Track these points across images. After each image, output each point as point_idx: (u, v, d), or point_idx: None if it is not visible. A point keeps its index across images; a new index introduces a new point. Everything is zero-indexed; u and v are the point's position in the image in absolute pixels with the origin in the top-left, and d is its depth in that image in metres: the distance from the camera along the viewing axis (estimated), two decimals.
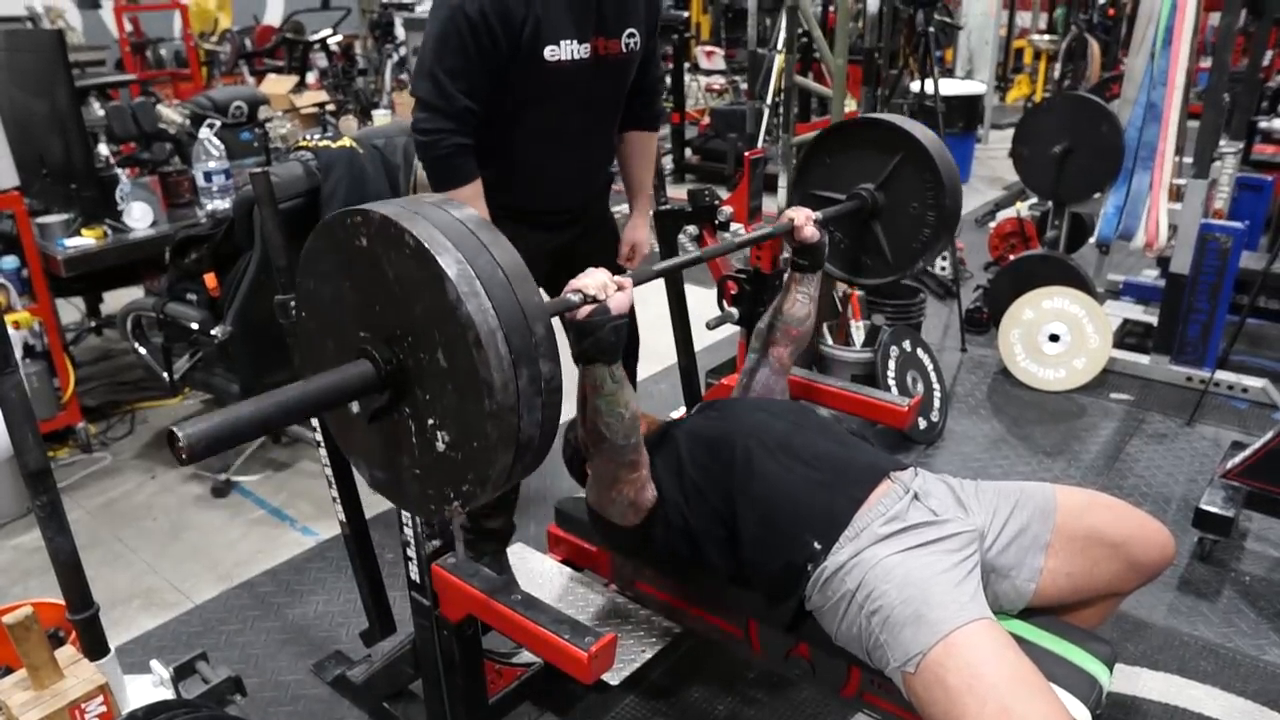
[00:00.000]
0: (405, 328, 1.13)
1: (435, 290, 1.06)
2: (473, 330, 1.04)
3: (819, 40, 4.43)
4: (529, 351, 1.08)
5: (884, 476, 1.68)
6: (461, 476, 1.14)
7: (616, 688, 2.18)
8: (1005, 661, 1.39)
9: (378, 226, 1.11)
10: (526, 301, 1.09)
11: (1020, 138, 4.13)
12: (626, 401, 1.56)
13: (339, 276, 1.21)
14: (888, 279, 2.27)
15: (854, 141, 2.19)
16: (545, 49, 1.93)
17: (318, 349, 1.31)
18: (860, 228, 2.21)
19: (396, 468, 1.24)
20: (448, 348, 1.08)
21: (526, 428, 1.09)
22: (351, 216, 1.15)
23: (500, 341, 1.05)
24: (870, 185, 2.16)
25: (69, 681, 1.67)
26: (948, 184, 2.08)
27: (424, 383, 1.14)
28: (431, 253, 1.05)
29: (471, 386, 1.06)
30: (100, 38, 8.35)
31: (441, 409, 1.13)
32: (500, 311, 1.06)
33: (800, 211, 1.98)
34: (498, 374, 1.04)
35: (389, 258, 1.11)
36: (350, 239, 1.16)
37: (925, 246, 2.15)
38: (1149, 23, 3.61)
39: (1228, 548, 2.69)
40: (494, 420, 1.06)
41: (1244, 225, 3.48)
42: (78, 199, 3.17)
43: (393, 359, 1.15)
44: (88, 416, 3.45)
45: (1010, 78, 10.53)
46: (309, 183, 2.84)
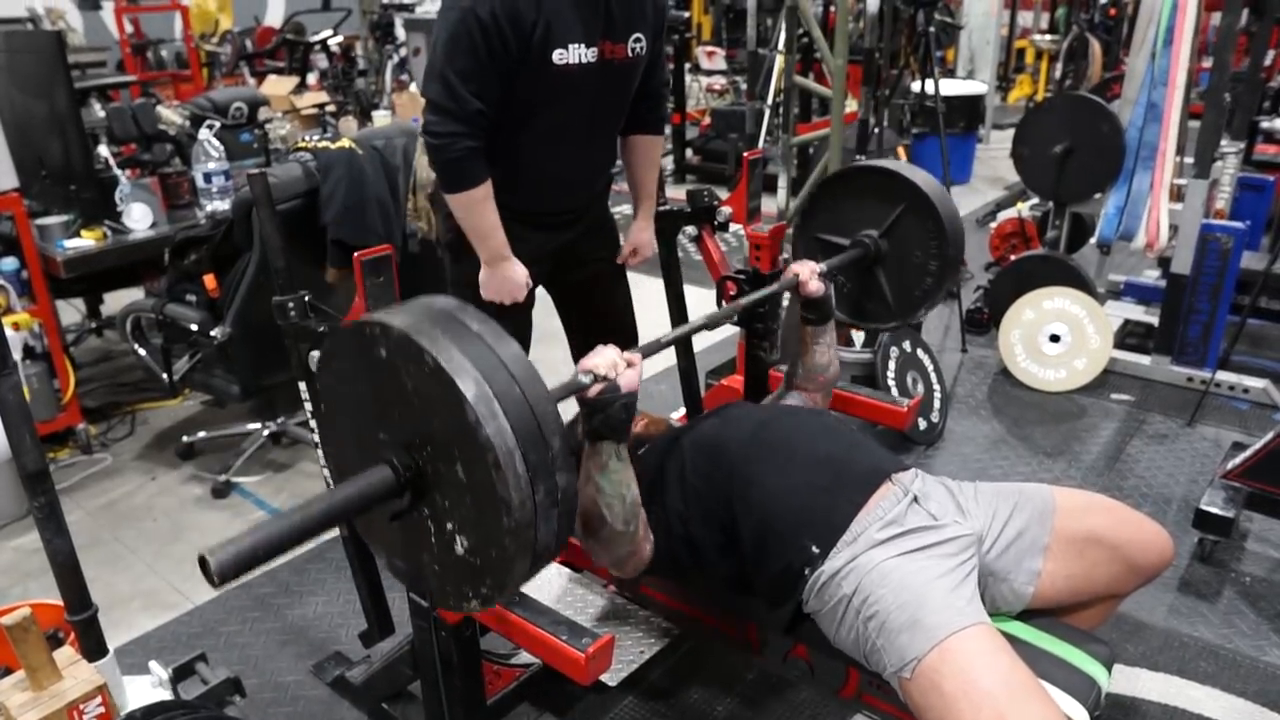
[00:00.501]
0: (424, 437, 1.14)
1: (454, 410, 1.07)
2: (492, 453, 1.05)
3: (819, 40, 4.43)
4: (546, 466, 1.09)
5: (884, 479, 1.67)
6: (480, 580, 1.16)
7: (615, 689, 2.18)
8: (1000, 667, 1.38)
9: (396, 341, 1.12)
10: (543, 416, 1.10)
11: (1021, 138, 4.13)
12: (629, 483, 1.55)
13: (359, 380, 1.23)
14: (890, 325, 2.28)
15: (858, 188, 2.21)
16: (553, 52, 1.93)
17: (339, 439, 1.34)
18: (864, 274, 2.22)
19: (416, 562, 1.26)
20: (466, 464, 1.09)
21: (543, 538, 1.11)
22: (371, 327, 1.15)
23: (518, 461, 1.06)
24: (874, 232, 2.17)
25: (67, 682, 1.67)
26: (950, 234, 2.09)
27: (443, 490, 1.15)
28: (450, 375, 1.06)
29: (490, 502, 1.08)
30: (101, 39, 8.35)
31: (460, 517, 1.14)
32: (518, 430, 1.07)
33: (805, 266, 1.99)
34: (515, 493, 1.06)
35: (408, 371, 1.12)
36: (370, 348, 1.16)
37: (927, 295, 2.17)
38: (1150, 23, 3.60)
39: (1228, 548, 2.69)
40: (512, 535, 1.08)
41: (1245, 225, 3.47)
42: (77, 200, 3.17)
43: (412, 465, 1.16)
44: (88, 417, 3.46)
45: (1011, 78, 10.52)
46: (308, 184, 2.84)
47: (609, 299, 2.48)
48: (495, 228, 2.08)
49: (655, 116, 2.35)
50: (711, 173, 7.13)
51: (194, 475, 3.24)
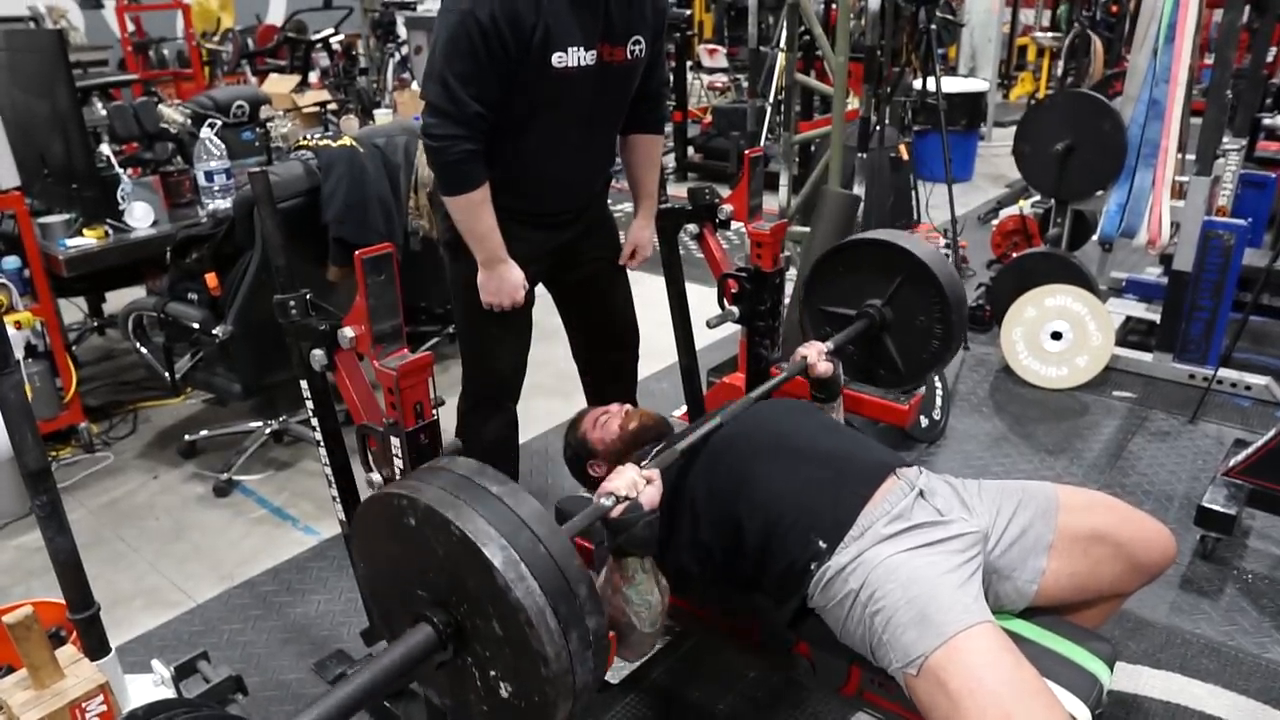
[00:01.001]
0: (459, 594, 1.21)
1: (484, 575, 1.14)
2: (524, 613, 1.11)
3: (820, 38, 4.42)
4: (576, 614, 1.16)
5: (889, 473, 1.68)
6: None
7: (617, 686, 2.19)
8: (1006, 666, 1.39)
9: (423, 513, 1.19)
10: (567, 567, 1.17)
11: (1023, 135, 4.12)
12: (654, 589, 1.56)
13: (393, 543, 1.29)
14: (902, 389, 2.34)
15: (859, 260, 2.25)
16: (553, 55, 1.93)
17: (380, 595, 1.42)
18: (871, 341, 2.25)
19: (464, 703, 1.31)
20: (501, 621, 1.16)
21: (581, 679, 1.17)
22: (399, 499, 1.23)
23: (549, 616, 1.13)
24: (878, 301, 2.20)
25: (69, 681, 1.67)
26: (952, 299, 2.12)
27: (482, 642, 1.21)
28: (477, 545, 1.13)
29: (526, 654, 1.15)
30: (102, 37, 8.35)
31: (502, 667, 1.20)
32: (546, 588, 1.13)
33: (812, 348, 2.02)
34: (550, 647, 1.12)
35: (437, 539, 1.19)
36: (399, 518, 1.23)
37: (935, 358, 2.20)
38: (1152, 20, 3.60)
39: (1230, 546, 2.69)
40: (551, 684, 1.14)
41: (1247, 222, 3.47)
42: (79, 199, 3.17)
43: (451, 621, 1.22)
44: (90, 416, 3.46)
45: (1013, 75, 10.51)
46: (309, 182, 2.84)
47: (609, 297, 2.48)
48: (492, 230, 2.08)
49: (655, 116, 2.35)
50: (713, 170, 7.13)
51: (196, 474, 3.24)
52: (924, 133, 6.03)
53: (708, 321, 2.40)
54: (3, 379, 1.62)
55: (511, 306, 2.19)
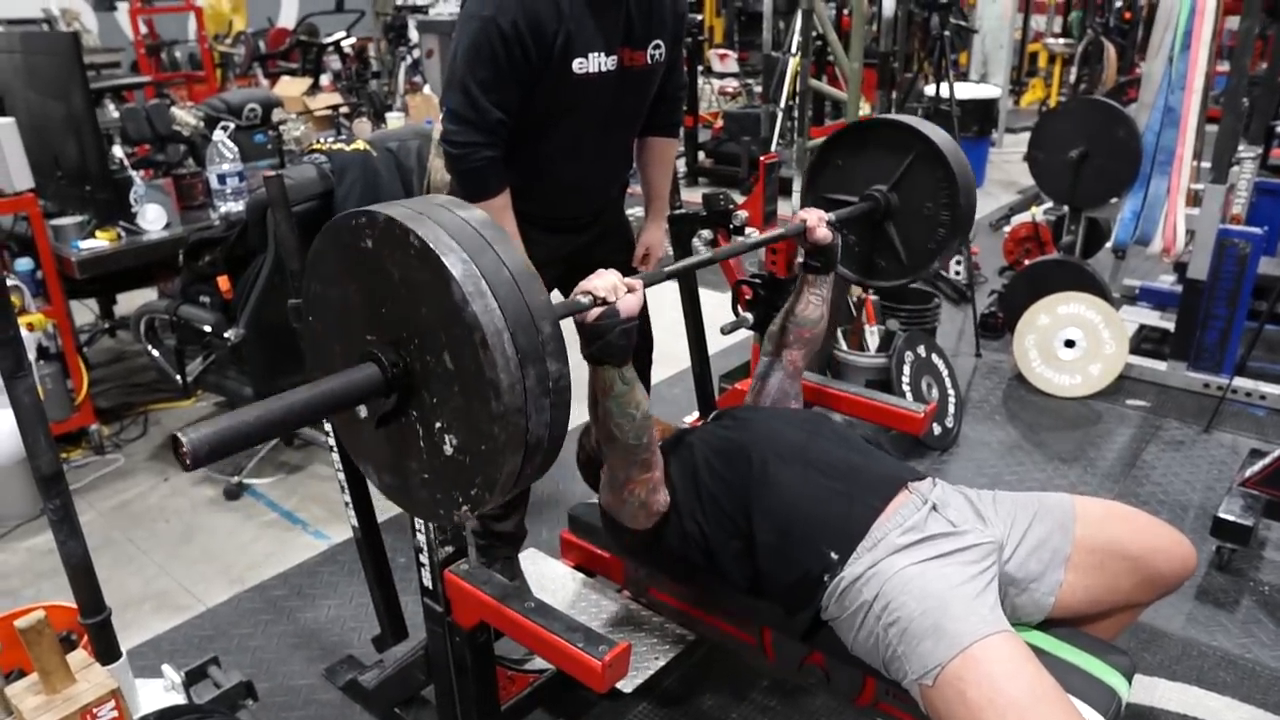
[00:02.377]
0: (411, 330, 1.12)
1: (441, 291, 1.05)
2: (479, 331, 1.03)
3: (834, 43, 4.42)
4: (536, 351, 1.07)
5: (902, 486, 1.66)
6: (470, 480, 1.13)
7: (629, 695, 2.17)
8: (1025, 675, 1.37)
9: (383, 228, 1.11)
10: (533, 300, 1.09)
11: (1036, 142, 4.11)
12: (637, 402, 1.55)
13: (345, 279, 1.21)
14: (902, 280, 2.26)
15: (866, 143, 2.18)
16: (574, 61, 1.92)
17: (325, 352, 1.30)
18: (873, 229, 2.20)
19: (405, 473, 1.23)
20: (454, 349, 1.07)
21: (535, 428, 1.09)
22: (357, 218, 1.14)
23: (507, 342, 1.04)
24: (883, 186, 2.15)
25: (81, 686, 1.66)
26: (961, 183, 2.06)
27: (431, 386, 1.13)
28: (436, 253, 1.04)
29: (478, 388, 1.06)
30: (115, 40, 8.39)
31: (449, 412, 1.12)
32: (506, 311, 1.05)
33: (813, 213, 1.97)
34: (504, 375, 1.03)
35: (394, 259, 1.10)
36: (355, 241, 1.15)
37: (940, 246, 2.14)
38: (1167, 27, 3.58)
39: (1246, 557, 2.66)
40: (501, 422, 1.05)
41: (1262, 231, 3.44)
42: (92, 201, 3.18)
43: (399, 362, 1.14)
44: (101, 418, 3.46)
45: (1024, 81, 10.49)
46: (323, 185, 2.84)
47: None
48: (513, 237, 2.08)
49: (672, 119, 2.34)
50: (724, 175, 7.12)
51: (206, 477, 3.24)
52: None
53: (721, 328, 2.39)
54: (17, 382, 1.62)
55: None
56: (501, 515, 2.33)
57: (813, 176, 2.29)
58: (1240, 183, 3.62)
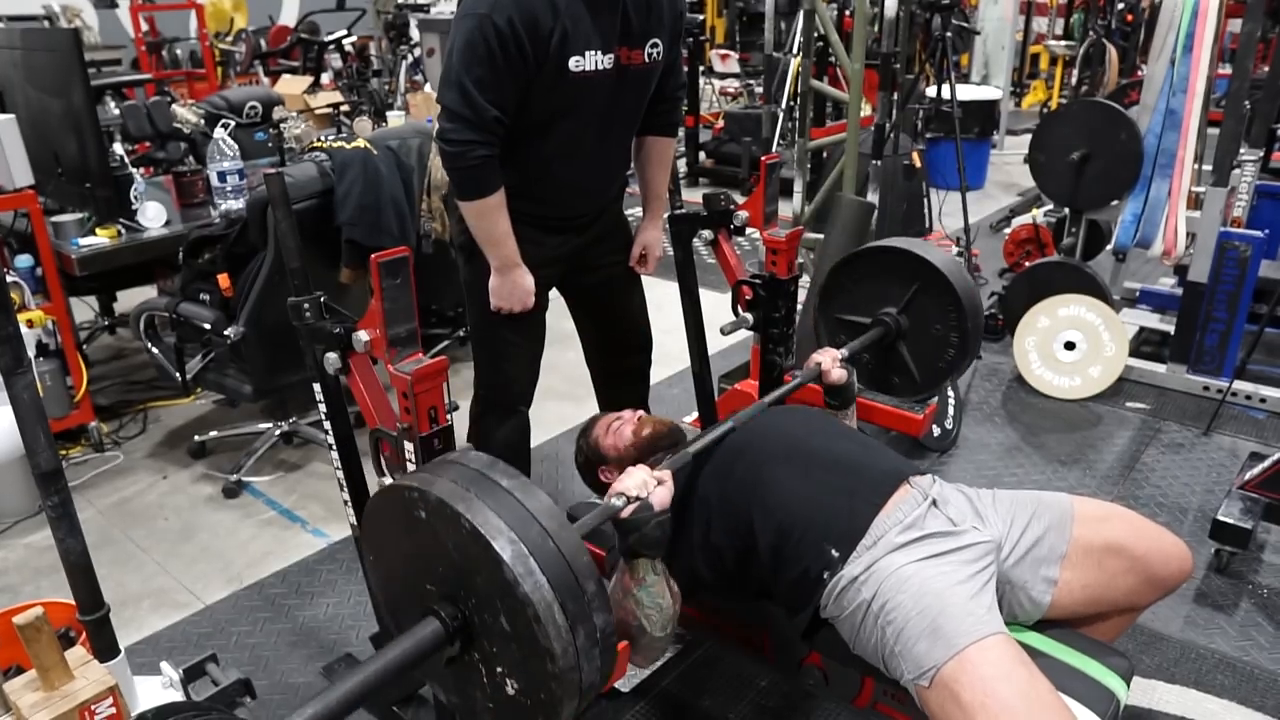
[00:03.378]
0: (468, 589, 1.20)
1: (493, 569, 1.14)
2: (531, 608, 1.11)
3: (835, 44, 4.41)
4: (584, 611, 1.15)
5: (903, 481, 1.66)
6: (532, 717, 1.21)
7: (628, 694, 2.17)
8: (1019, 678, 1.37)
9: (434, 506, 1.19)
10: (576, 563, 1.17)
11: (1037, 144, 4.10)
12: (665, 592, 1.55)
13: (403, 537, 1.29)
14: (917, 398, 2.34)
15: (874, 267, 2.24)
16: (570, 60, 1.92)
17: (389, 590, 1.42)
18: (887, 350, 2.25)
19: (470, 700, 1.31)
20: (509, 616, 1.16)
21: (588, 677, 1.17)
22: (409, 491, 1.22)
23: (557, 612, 1.12)
24: (893, 310, 2.20)
25: (79, 683, 1.66)
26: (968, 307, 2.12)
27: (489, 638, 1.21)
28: (487, 538, 1.13)
29: (534, 651, 1.14)
30: (116, 37, 8.39)
31: (508, 663, 1.20)
32: (554, 583, 1.13)
33: (826, 354, 2.02)
34: (558, 643, 1.12)
35: (447, 532, 1.18)
36: (409, 510, 1.23)
37: (951, 366, 2.19)
38: (1169, 29, 3.58)
39: (1245, 560, 2.66)
40: (557, 680, 1.14)
41: (1263, 234, 3.44)
42: (92, 198, 3.17)
43: (458, 615, 1.22)
44: (100, 415, 3.46)
45: (1026, 83, 10.50)
46: (323, 184, 2.84)
47: (623, 303, 2.47)
48: (507, 236, 2.08)
49: (670, 119, 2.34)
50: (725, 176, 7.12)
51: (205, 474, 3.24)
52: (937, 140, 6.02)
53: (721, 328, 2.39)
54: (15, 379, 1.62)
55: (522, 311, 2.18)
56: None
57: (825, 298, 2.35)
58: (1241, 186, 3.62)
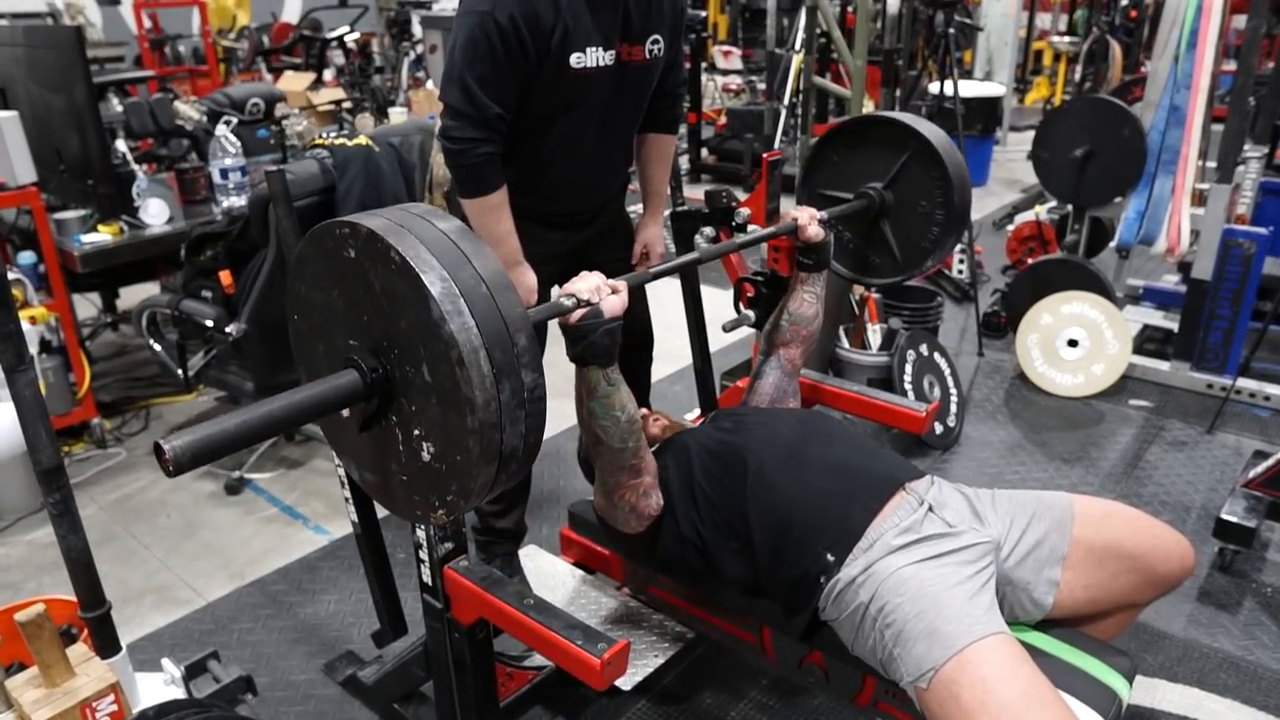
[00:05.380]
0: (392, 339, 1.14)
1: (419, 307, 1.07)
2: (456, 349, 1.04)
3: (838, 41, 4.41)
4: (511, 364, 1.08)
5: (899, 487, 1.65)
6: (445, 487, 1.15)
7: (628, 692, 2.17)
8: (1019, 678, 1.36)
9: (365, 240, 1.12)
10: (509, 313, 1.10)
11: (1040, 141, 4.10)
12: (623, 404, 1.55)
13: (328, 285, 1.22)
14: (897, 278, 2.26)
15: (861, 140, 2.19)
16: (571, 56, 1.92)
17: (309, 351, 1.32)
18: (868, 227, 2.20)
19: (385, 472, 1.25)
20: (432, 363, 1.09)
21: (509, 439, 1.10)
22: (340, 227, 1.15)
23: (483, 359, 1.05)
24: (878, 184, 2.15)
25: (80, 679, 1.67)
26: (956, 181, 2.07)
27: (409, 394, 1.14)
28: (416, 270, 1.06)
29: (454, 402, 1.07)
30: (119, 34, 8.40)
31: (426, 421, 1.13)
32: (483, 327, 1.06)
33: (804, 211, 1.98)
34: (480, 392, 1.05)
35: (376, 270, 1.12)
36: (339, 249, 1.16)
37: (935, 245, 2.14)
38: (1173, 25, 3.57)
39: (1249, 559, 2.66)
40: (476, 436, 1.07)
41: (1268, 231, 3.43)
42: (95, 195, 3.18)
43: (379, 369, 1.16)
44: (103, 412, 3.47)
45: (1029, 80, 10.47)
46: (324, 181, 2.83)
47: None
48: (509, 234, 2.07)
49: (671, 116, 2.33)
50: (727, 173, 7.11)
51: (207, 471, 3.24)
52: None
53: (723, 325, 2.39)
54: (17, 376, 1.62)
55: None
56: (501, 512, 2.33)
57: (809, 172, 2.29)
58: (1245, 182, 3.61)
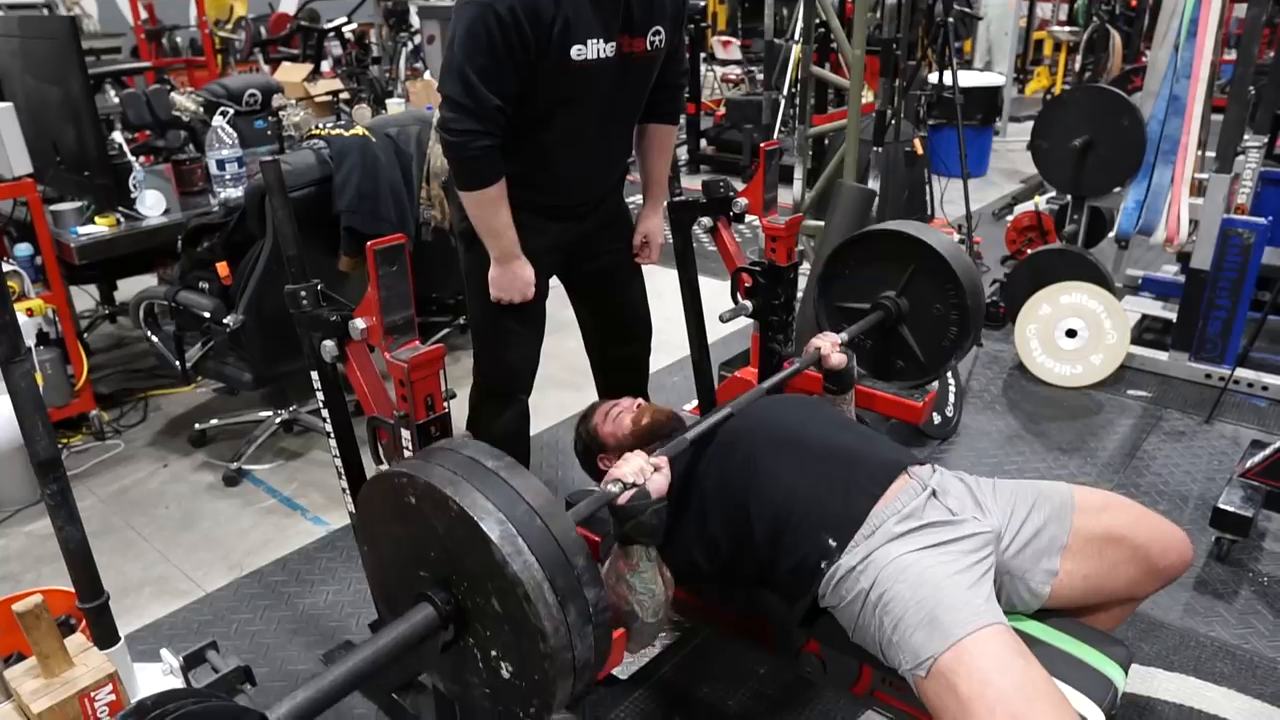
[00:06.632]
0: (460, 573, 1.21)
1: (482, 550, 1.15)
2: (521, 587, 1.12)
3: (837, 31, 4.39)
4: (574, 588, 1.16)
5: (901, 471, 1.66)
6: (528, 700, 1.21)
7: (625, 682, 2.18)
8: (1016, 669, 1.37)
9: (423, 491, 1.20)
10: (564, 540, 1.17)
11: (1040, 131, 4.09)
12: (658, 579, 1.56)
13: (394, 524, 1.30)
14: (923, 380, 2.32)
15: (870, 253, 2.24)
16: (572, 48, 1.91)
17: (381, 575, 1.44)
18: (888, 334, 2.25)
19: (466, 685, 1.32)
20: (500, 597, 1.16)
21: (581, 655, 1.17)
22: (399, 478, 1.24)
23: (547, 591, 1.13)
24: (892, 293, 2.20)
25: (79, 670, 1.67)
26: (967, 285, 2.11)
27: (483, 621, 1.21)
28: (475, 519, 1.14)
29: (526, 630, 1.15)
30: (116, 25, 8.36)
31: (502, 645, 1.21)
32: (543, 560, 1.14)
33: (826, 338, 2.02)
34: (548, 621, 1.13)
35: (436, 516, 1.20)
36: (400, 496, 1.24)
37: (955, 344, 2.19)
38: (1173, 15, 3.56)
39: (1246, 548, 2.66)
40: (550, 660, 1.14)
41: (1267, 221, 3.42)
42: (91, 186, 3.17)
43: (451, 600, 1.23)
44: (101, 404, 3.46)
45: (1029, 69, 10.45)
46: (321, 171, 2.83)
47: (623, 291, 2.47)
48: (508, 227, 2.07)
49: (671, 106, 2.33)
50: (726, 163, 7.10)
51: (206, 462, 3.25)
52: (939, 127, 5.99)
53: (720, 316, 2.39)
54: (13, 367, 1.62)
55: (521, 301, 2.18)
56: None
57: (823, 288, 2.34)
58: (1245, 172, 3.61)
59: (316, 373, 1.79)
